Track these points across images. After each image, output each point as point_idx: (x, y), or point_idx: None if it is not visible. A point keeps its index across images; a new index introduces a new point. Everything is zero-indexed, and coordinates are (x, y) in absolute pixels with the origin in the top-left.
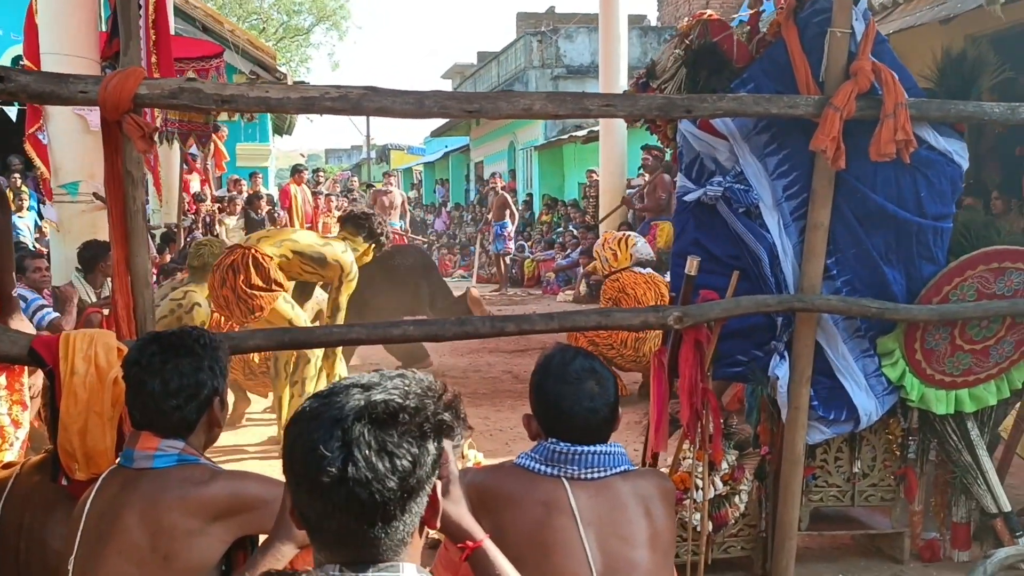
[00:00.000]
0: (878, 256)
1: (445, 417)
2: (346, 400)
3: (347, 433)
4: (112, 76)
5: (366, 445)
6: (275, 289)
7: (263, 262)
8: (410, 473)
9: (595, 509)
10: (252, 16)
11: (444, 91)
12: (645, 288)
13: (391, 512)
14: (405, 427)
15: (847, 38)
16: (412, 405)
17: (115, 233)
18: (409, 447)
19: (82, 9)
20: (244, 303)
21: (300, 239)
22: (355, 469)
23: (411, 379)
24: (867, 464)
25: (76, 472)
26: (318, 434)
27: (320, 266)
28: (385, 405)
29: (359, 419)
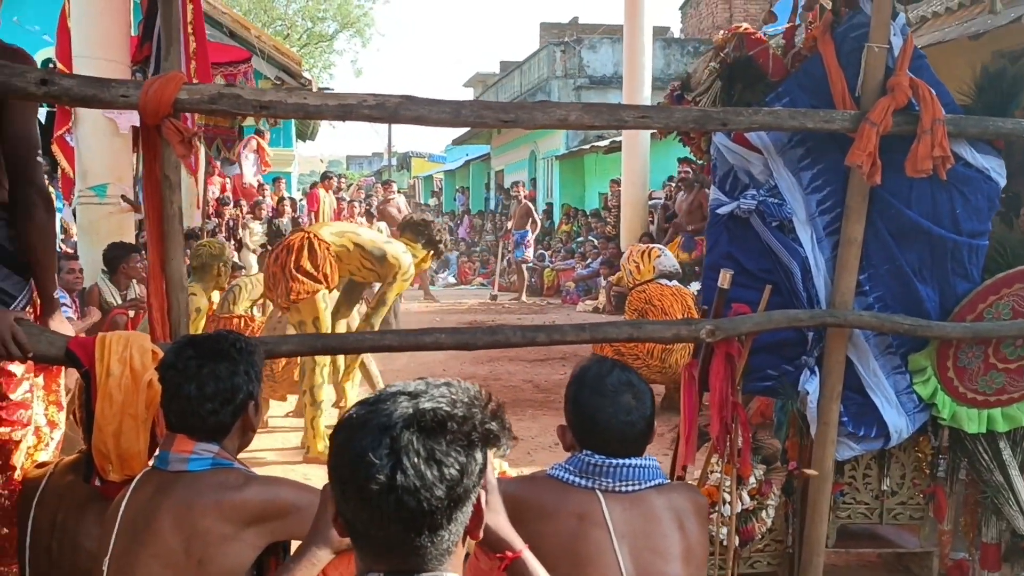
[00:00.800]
0: (911, 272)
1: (492, 427)
2: (394, 407)
3: (396, 441)
4: (153, 81)
5: (415, 453)
6: (320, 280)
7: (317, 247)
8: (458, 482)
9: (629, 522)
10: (277, 22)
11: (480, 101)
12: (672, 300)
13: (438, 521)
14: (453, 436)
15: (885, 53)
16: (460, 414)
17: (151, 236)
18: (457, 456)
19: (114, 13)
20: (286, 283)
21: (363, 234)
22: (404, 477)
23: (457, 387)
24: (896, 482)
25: (109, 473)
26: (366, 441)
27: (379, 263)
28: (433, 413)
29: (408, 427)
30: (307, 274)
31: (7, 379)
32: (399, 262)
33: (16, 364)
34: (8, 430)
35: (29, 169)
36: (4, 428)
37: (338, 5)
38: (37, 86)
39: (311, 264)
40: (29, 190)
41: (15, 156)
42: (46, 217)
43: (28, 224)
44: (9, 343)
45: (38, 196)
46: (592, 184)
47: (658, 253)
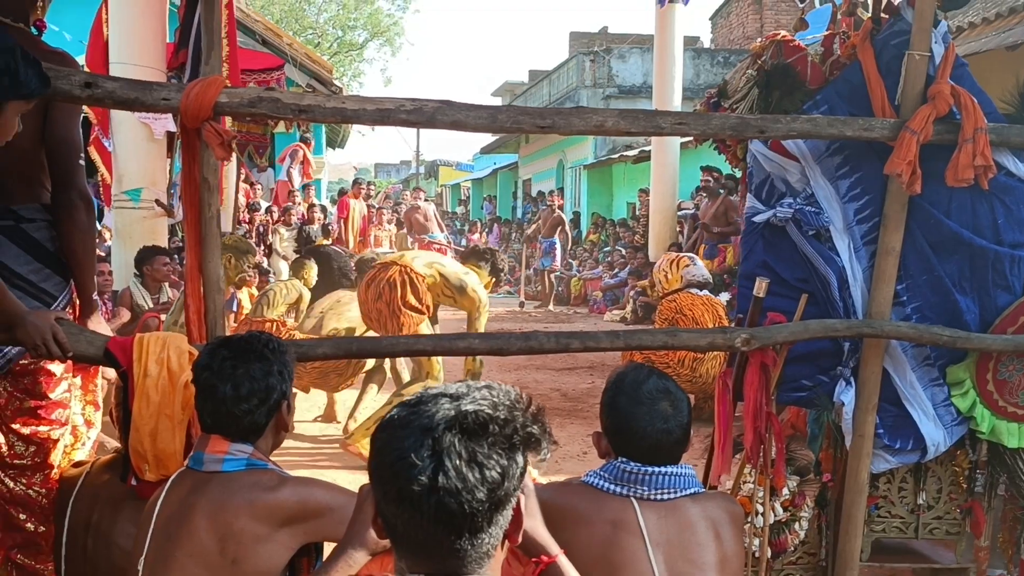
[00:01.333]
0: (951, 283)
1: (534, 430)
2: (435, 409)
3: (437, 442)
4: (194, 84)
5: (456, 455)
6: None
7: (417, 282)
8: (499, 485)
9: (664, 530)
10: (308, 31)
11: (517, 106)
12: (703, 310)
13: (478, 524)
14: (495, 438)
15: (925, 61)
16: (502, 416)
17: (189, 238)
18: (499, 458)
19: (151, 20)
20: (396, 319)
21: (446, 263)
22: (445, 478)
23: (498, 390)
24: (932, 496)
25: (146, 473)
26: (408, 442)
27: (459, 294)
28: (475, 415)
29: (449, 428)
30: (412, 308)
31: (47, 378)
32: (477, 296)
33: (56, 364)
34: (47, 429)
35: (71, 172)
36: (43, 427)
37: (369, 14)
38: (81, 89)
39: (415, 298)
40: (71, 193)
41: (58, 159)
42: (87, 219)
43: (69, 226)
44: (50, 342)
45: (80, 199)
46: (620, 194)
47: (688, 262)
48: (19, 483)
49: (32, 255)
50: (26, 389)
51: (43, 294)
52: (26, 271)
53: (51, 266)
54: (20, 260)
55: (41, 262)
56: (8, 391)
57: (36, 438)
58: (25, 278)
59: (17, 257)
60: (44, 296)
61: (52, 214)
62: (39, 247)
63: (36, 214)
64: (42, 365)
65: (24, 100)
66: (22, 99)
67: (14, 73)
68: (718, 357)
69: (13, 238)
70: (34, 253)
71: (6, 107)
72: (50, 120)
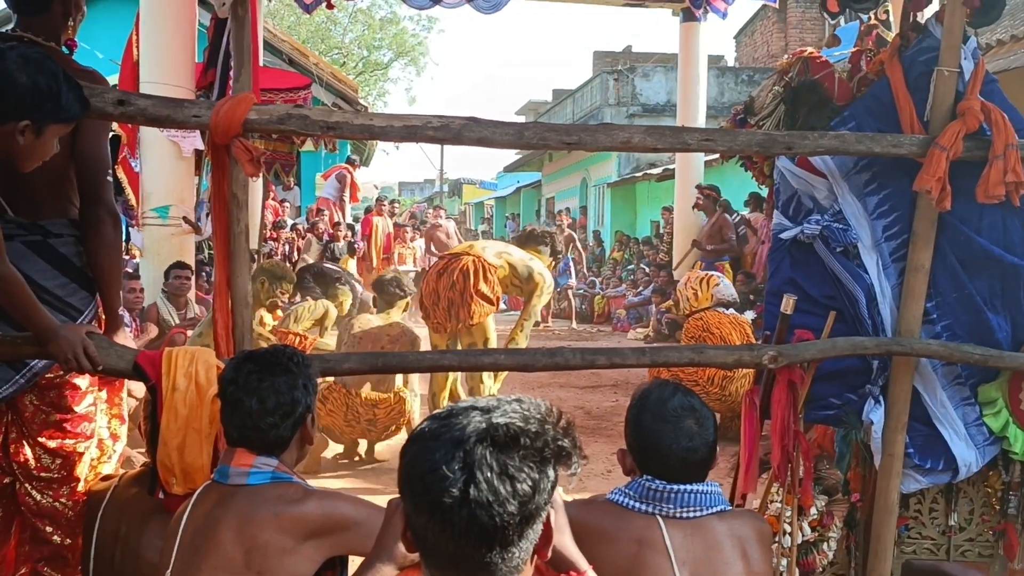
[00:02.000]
0: (982, 301)
1: (564, 443)
2: (466, 422)
3: (469, 455)
4: (224, 101)
5: (488, 467)
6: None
7: (490, 272)
8: (530, 498)
9: (690, 549)
10: (334, 51)
11: (543, 123)
12: (731, 328)
13: (509, 537)
14: (526, 451)
15: (955, 77)
16: (533, 429)
17: (218, 254)
18: (530, 471)
19: (181, 41)
20: (467, 307)
21: (513, 252)
22: (477, 491)
23: (529, 403)
24: (964, 517)
25: (173, 486)
26: (439, 454)
27: (525, 281)
28: (507, 428)
29: (481, 441)
30: (484, 297)
31: (72, 392)
32: (543, 278)
33: (82, 378)
34: (73, 442)
35: (99, 188)
36: (69, 440)
37: (394, 34)
38: (114, 106)
39: (487, 288)
40: (99, 208)
41: (86, 175)
42: (114, 235)
43: (96, 241)
44: (81, 356)
45: (107, 214)
46: (643, 211)
47: (716, 281)
48: (46, 496)
49: (59, 270)
50: (52, 403)
51: (70, 308)
52: (53, 285)
53: (78, 281)
54: (47, 275)
55: (68, 277)
56: (35, 405)
57: (62, 451)
58: (52, 292)
59: (44, 272)
60: (70, 310)
61: (79, 229)
62: (66, 262)
63: (64, 229)
64: (68, 379)
65: (64, 123)
66: (63, 123)
67: (57, 97)
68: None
69: (41, 253)
70: (61, 268)
71: (47, 130)
72: (79, 136)
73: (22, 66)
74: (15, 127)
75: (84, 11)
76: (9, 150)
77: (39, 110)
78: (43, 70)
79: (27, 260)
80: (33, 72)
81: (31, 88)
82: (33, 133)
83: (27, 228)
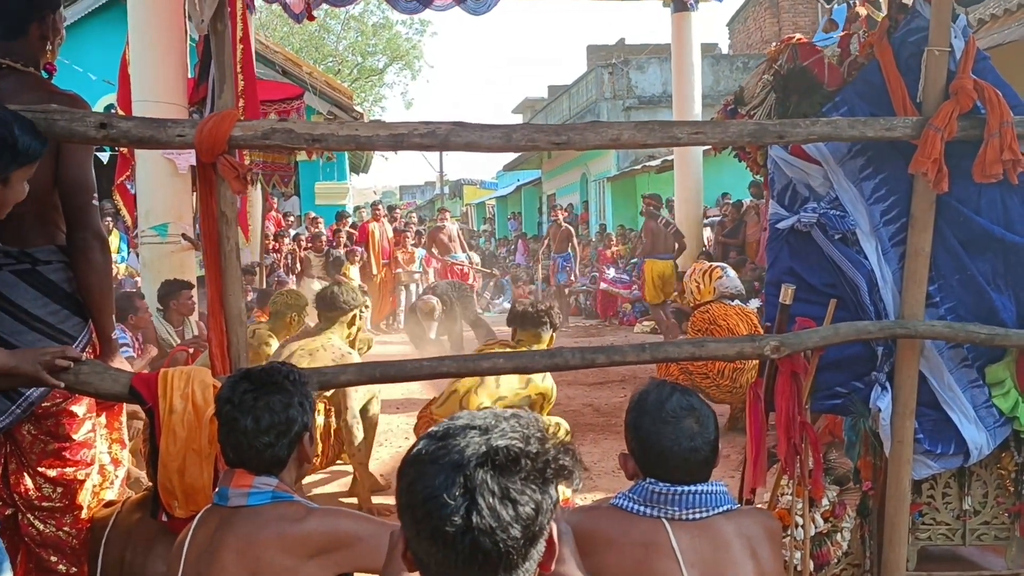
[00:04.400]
0: (984, 281)
1: (566, 461)
2: (465, 443)
3: (469, 479)
4: (208, 119)
5: (490, 493)
6: None
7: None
8: (533, 520)
9: (698, 550)
10: (328, 59)
11: (531, 124)
12: (737, 320)
13: (514, 561)
14: (527, 473)
15: (946, 56)
16: (534, 450)
17: (209, 272)
18: (532, 493)
19: (172, 57)
20: None
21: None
22: (479, 518)
23: (527, 419)
24: (978, 500)
25: (176, 509)
26: (439, 480)
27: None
28: (507, 450)
29: (481, 465)
30: None
31: (69, 420)
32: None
33: (79, 404)
34: (73, 470)
35: (85, 213)
36: (69, 468)
37: (387, 40)
38: (96, 129)
39: None
40: (85, 233)
41: (71, 200)
42: (102, 259)
43: (85, 266)
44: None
45: (94, 239)
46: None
47: (720, 274)
48: (49, 525)
49: (50, 297)
50: (50, 431)
51: (62, 335)
52: (44, 313)
53: (69, 307)
54: (38, 303)
55: (59, 304)
56: (32, 434)
57: (63, 480)
58: (44, 320)
59: (35, 300)
60: (63, 338)
61: (68, 255)
62: (56, 289)
63: (52, 256)
64: (65, 407)
65: (28, 166)
66: (25, 165)
67: (13, 145)
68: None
69: (30, 281)
70: (51, 295)
71: (11, 176)
72: (62, 162)
73: None
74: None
75: (63, 35)
76: None
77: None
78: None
79: (17, 288)
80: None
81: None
82: (1, 183)
83: (15, 256)
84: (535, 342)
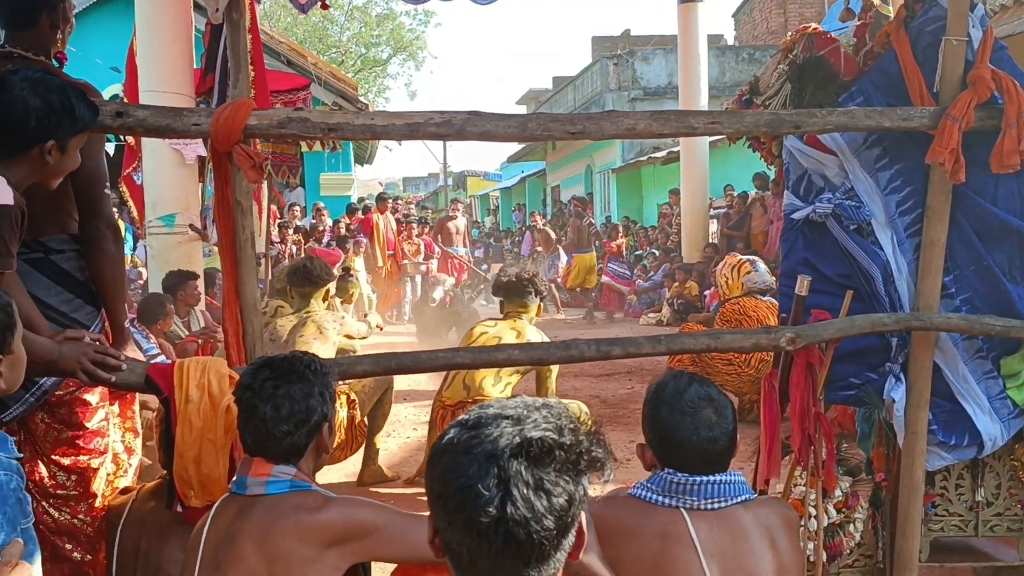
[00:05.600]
0: (1000, 272)
1: (598, 453)
2: (498, 433)
3: (504, 470)
4: (223, 108)
5: (524, 483)
6: None
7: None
8: (566, 511)
9: (716, 540)
10: (332, 49)
11: (546, 114)
12: (767, 312)
13: (546, 551)
14: (561, 464)
15: (963, 46)
16: (567, 441)
17: (225, 262)
18: (565, 484)
19: (178, 47)
20: None
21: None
22: (514, 509)
23: (558, 410)
24: (991, 492)
25: (191, 499)
26: (472, 469)
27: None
28: (541, 442)
29: (516, 456)
30: None
31: (83, 408)
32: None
33: (92, 393)
34: (87, 458)
35: (97, 202)
36: (83, 456)
37: (391, 30)
38: (113, 118)
39: None
40: (98, 222)
41: (84, 189)
42: (115, 248)
43: (98, 255)
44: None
45: (107, 228)
46: (650, 196)
47: (749, 268)
48: (64, 513)
49: (63, 286)
50: (63, 420)
51: (75, 324)
52: (57, 302)
53: (82, 296)
54: (51, 291)
55: (72, 292)
56: (46, 423)
57: (76, 468)
58: (57, 309)
59: (48, 288)
60: (76, 326)
61: (80, 244)
62: (69, 277)
63: (64, 245)
64: (77, 395)
65: (83, 133)
66: (81, 132)
67: (72, 111)
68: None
69: (43, 270)
70: (64, 284)
71: (69, 144)
72: None
73: (32, 89)
74: (42, 149)
75: (73, 23)
76: (40, 172)
77: (60, 128)
78: (52, 88)
79: (30, 278)
80: (44, 92)
81: (47, 109)
82: (59, 151)
83: (28, 245)
84: (523, 312)
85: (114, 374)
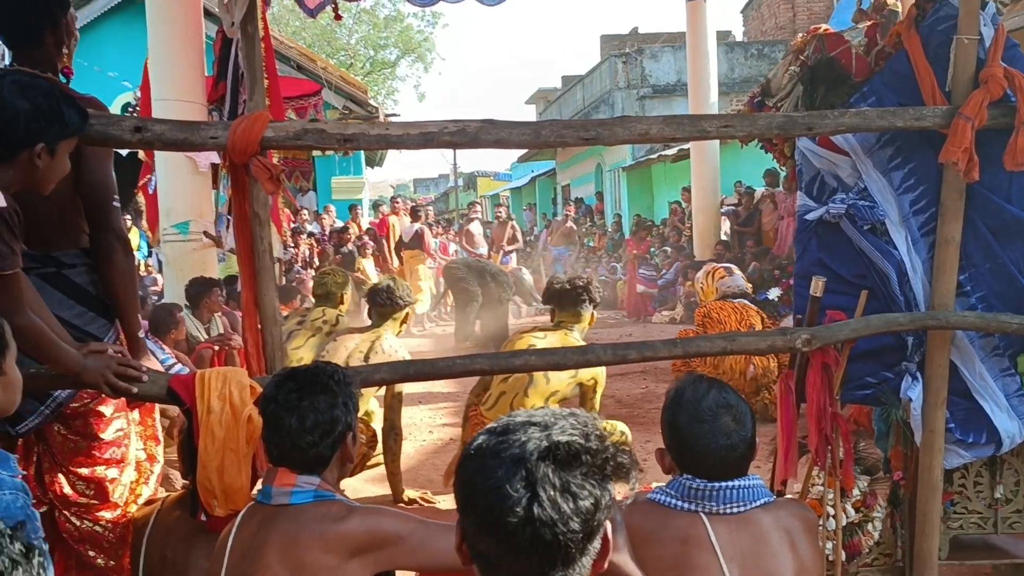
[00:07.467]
0: (1016, 270)
1: (624, 460)
2: (526, 438)
3: (531, 473)
4: (240, 121)
5: (551, 486)
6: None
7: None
8: (592, 515)
9: (736, 544)
10: (340, 52)
11: (560, 120)
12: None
13: (572, 554)
14: (587, 468)
15: (975, 45)
16: (594, 447)
17: (243, 273)
18: (592, 488)
19: (189, 55)
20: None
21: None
22: (540, 510)
23: (584, 418)
24: (1010, 489)
25: (215, 508)
26: (501, 472)
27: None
28: (568, 446)
29: (543, 459)
30: None
31: (97, 420)
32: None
33: (107, 404)
34: (104, 468)
35: (107, 214)
36: (99, 467)
37: (399, 32)
38: (132, 133)
39: None
40: (108, 234)
41: (93, 202)
42: (126, 260)
43: (109, 268)
44: (112, 379)
45: (117, 240)
46: (661, 194)
47: (723, 274)
48: (85, 521)
49: (75, 300)
50: (79, 431)
51: (88, 337)
52: (70, 316)
53: (94, 309)
54: (64, 306)
55: (85, 306)
56: (62, 434)
57: (95, 478)
58: (70, 323)
59: (61, 303)
60: (89, 339)
61: (91, 257)
62: (81, 291)
63: (76, 259)
64: (92, 407)
65: (71, 138)
66: (70, 137)
67: (60, 114)
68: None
69: (56, 284)
70: (77, 298)
71: (58, 148)
72: (84, 165)
73: (19, 93)
74: (31, 153)
75: (77, 36)
76: (29, 177)
77: (49, 131)
78: (40, 91)
79: (43, 292)
80: (32, 96)
81: (35, 112)
82: (49, 155)
83: (40, 260)
84: (575, 321)
85: (136, 385)
